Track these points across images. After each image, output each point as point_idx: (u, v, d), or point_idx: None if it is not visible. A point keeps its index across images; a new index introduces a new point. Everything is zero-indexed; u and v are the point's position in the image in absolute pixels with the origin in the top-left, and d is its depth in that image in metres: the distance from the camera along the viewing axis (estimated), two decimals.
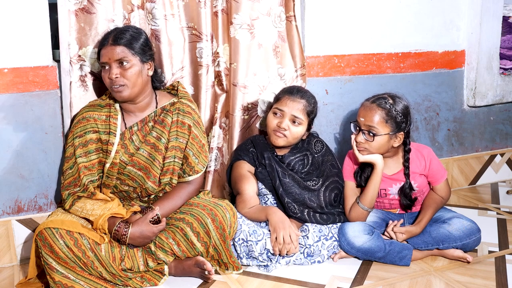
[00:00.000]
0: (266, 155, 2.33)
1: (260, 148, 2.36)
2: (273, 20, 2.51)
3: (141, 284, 2.04)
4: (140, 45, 2.05)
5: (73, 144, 2.07)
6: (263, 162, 2.33)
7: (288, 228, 2.14)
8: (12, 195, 2.23)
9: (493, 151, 3.26)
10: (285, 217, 2.20)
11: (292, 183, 2.30)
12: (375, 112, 2.22)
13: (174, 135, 2.14)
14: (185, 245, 2.05)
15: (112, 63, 2.01)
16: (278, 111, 2.31)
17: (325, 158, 2.40)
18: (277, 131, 2.30)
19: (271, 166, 2.32)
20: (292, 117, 2.28)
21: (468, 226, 2.25)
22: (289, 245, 2.14)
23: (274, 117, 2.32)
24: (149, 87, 2.15)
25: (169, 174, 2.13)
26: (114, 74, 2.00)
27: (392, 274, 2.14)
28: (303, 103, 2.29)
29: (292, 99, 2.29)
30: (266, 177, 2.32)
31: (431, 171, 2.35)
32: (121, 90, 2.02)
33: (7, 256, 2.27)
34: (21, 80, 2.16)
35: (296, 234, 2.16)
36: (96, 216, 1.97)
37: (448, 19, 2.97)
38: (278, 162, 2.35)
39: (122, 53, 2.00)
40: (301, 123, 2.30)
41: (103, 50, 2.03)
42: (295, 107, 2.28)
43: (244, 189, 2.28)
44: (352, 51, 2.76)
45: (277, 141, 2.31)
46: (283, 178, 2.30)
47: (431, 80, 2.98)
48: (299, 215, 2.27)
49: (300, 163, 2.37)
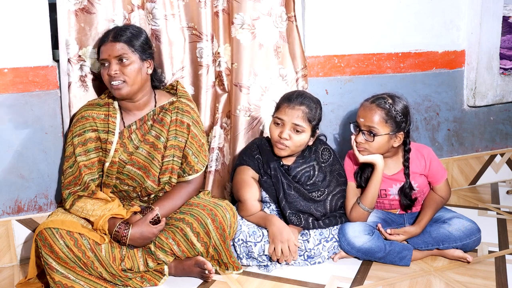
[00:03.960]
0: (272, 166, 2.27)
1: (266, 157, 2.30)
2: (274, 20, 2.51)
3: (141, 284, 2.04)
4: (140, 43, 2.05)
5: (73, 143, 2.07)
6: (269, 172, 2.28)
7: (286, 241, 2.12)
8: (12, 195, 2.23)
9: (493, 151, 3.26)
10: (285, 227, 2.16)
11: (297, 196, 2.26)
12: (375, 112, 2.22)
13: (173, 134, 2.13)
14: (185, 245, 2.05)
15: (112, 59, 2.01)
16: (278, 121, 2.23)
17: (333, 168, 2.35)
18: (279, 142, 2.22)
19: (277, 177, 2.26)
20: (293, 125, 2.20)
21: (468, 226, 2.25)
22: (288, 257, 2.13)
23: (276, 127, 2.24)
24: (148, 85, 2.15)
25: (168, 173, 2.13)
26: (113, 70, 2.00)
27: (392, 274, 2.14)
28: (303, 109, 2.20)
29: (291, 107, 2.20)
30: (270, 187, 2.28)
31: (431, 171, 2.35)
32: (120, 87, 2.02)
33: (7, 256, 2.26)
34: (21, 80, 2.16)
35: (295, 245, 2.14)
36: (97, 216, 1.97)
37: (448, 19, 2.97)
38: (284, 174, 2.28)
39: (122, 49, 2.01)
40: (303, 131, 2.21)
41: (103, 47, 2.03)
42: (295, 115, 2.19)
43: (247, 197, 2.22)
44: (352, 51, 2.75)
45: (279, 153, 2.25)
46: (288, 190, 2.26)
47: (431, 80, 2.98)
48: (302, 225, 2.24)
49: (306, 175, 2.30)
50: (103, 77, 2.05)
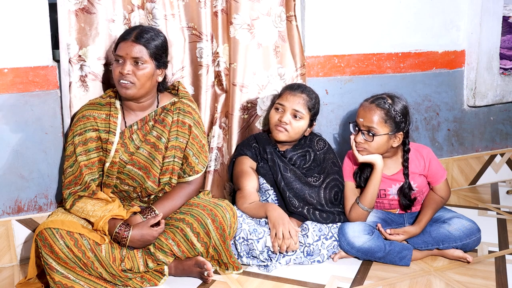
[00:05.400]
0: (268, 150, 2.36)
1: (263, 143, 2.39)
2: (273, 20, 2.52)
3: (141, 284, 2.04)
4: (159, 51, 2.05)
5: (73, 142, 2.07)
6: (265, 156, 2.35)
7: (287, 224, 2.15)
8: (12, 195, 2.24)
9: (493, 151, 3.26)
10: (285, 214, 2.20)
11: (294, 178, 2.31)
12: (374, 112, 2.22)
13: (174, 134, 2.13)
14: (185, 245, 2.05)
15: (128, 59, 2.00)
16: (279, 106, 2.35)
17: (327, 156, 2.42)
18: (279, 125, 2.32)
19: (273, 161, 2.34)
20: (293, 111, 2.32)
21: (468, 226, 2.25)
22: (289, 240, 2.13)
23: (276, 113, 2.36)
24: (155, 90, 2.15)
25: (168, 173, 2.13)
26: (126, 69, 2.00)
27: (392, 274, 2.14)
28: (304, 97, 2.33)
29: (293, 94, 2.34)
30: (267, 172, 2.34)
31: (431, 171, 2.35)
32: (128, 87, 2.02)
33: (7, 256, 2.27)
34: (21, 80, 2.16)
35: (295, 230, 2.16)
36: (97, 217, 1.97)
37: (448, 19, 2.97)
38: (280, 157, 2.37)
39: (140, 53, 2.01)
40: (302, 117, 2.33)
41: (123, 43, 2.02)
42: (296, 101, 2.32)
43: (245, 185, 2.30)
44: (352, 51, 2.76)
45: (278, 135, 2.33)
46: (285, 172, 2.32)
47: (431, 80, 2.98)
48: (299, 210, 2.27)
49: (301, 159, 2.39)
50: (114, 72, 2.03)
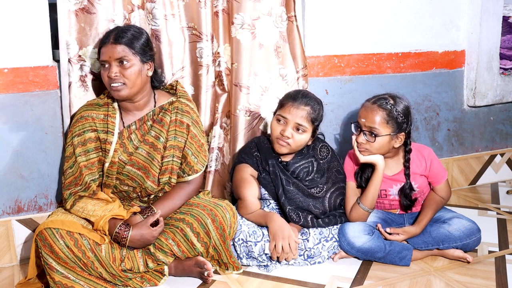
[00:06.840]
0: (271, 162, 2.29)
1: (265, 153, 2.32)
2: (274, 20, 2.51)
3: (141, 284, 2.04)
4: (141, 45, 2.05)
5: (72, 143, 2.07)
6: (267, 168, 2.29)
7: (287, 237, 2.12)
8: (12, 195, 2.23)
9: (493, 151, 3.26)
10: (285, 224, 2.16)
11: (296, 191, 2.27)
12: (376, 113, 2.22)
13: (172, 134, 2.13)
14: (185, 245, 2.05)
15: (112, 61, 2.00)
16: (281, 118, 2.26)
17: (331, 165, 2.37)
18: (280, 139, 2.25)
19: (275, 174, 2.28)
20: (296, 124, 2.23)
21: (468, 226, 2.25)
22: (288, 254, 2.13)
23: (278, 124, 2.27)
24: (148, 86, 2.14)
25: (167, 173, 2.13)
26: (113, 72, 2.00)
27: (392, 274, 2.14)
28: (307, 110, 2.24)
29: (296, 106, 2.23)
30: (269, 184, 2.29)
31: (432, 171, 2.35)
32: (120, 89, 2.02)
33: (7, 256, 2.26)
34: (21, 80, 2.15)
35: (295, 242, 2.14)
36: (97, 217, 1.97)
37: (448, 19, 2.97)
38: (282, 169, 2.30)
39: (123, 52, 2.00)
40: (305, 131, 2.25)
41: (104, 48, 2.03)
42: (299, 115, 2.23)
43: (246, 194, 2.24)
44: (352, 51, 2.75)
45: (280, 149, 2.27)
46: (287, 186, 2.27)
47: (431, 80, 2.98)
48: (301, 223, 2.24)
49: (304, 171, 2.32)
50: (103, 78, 2.05)
